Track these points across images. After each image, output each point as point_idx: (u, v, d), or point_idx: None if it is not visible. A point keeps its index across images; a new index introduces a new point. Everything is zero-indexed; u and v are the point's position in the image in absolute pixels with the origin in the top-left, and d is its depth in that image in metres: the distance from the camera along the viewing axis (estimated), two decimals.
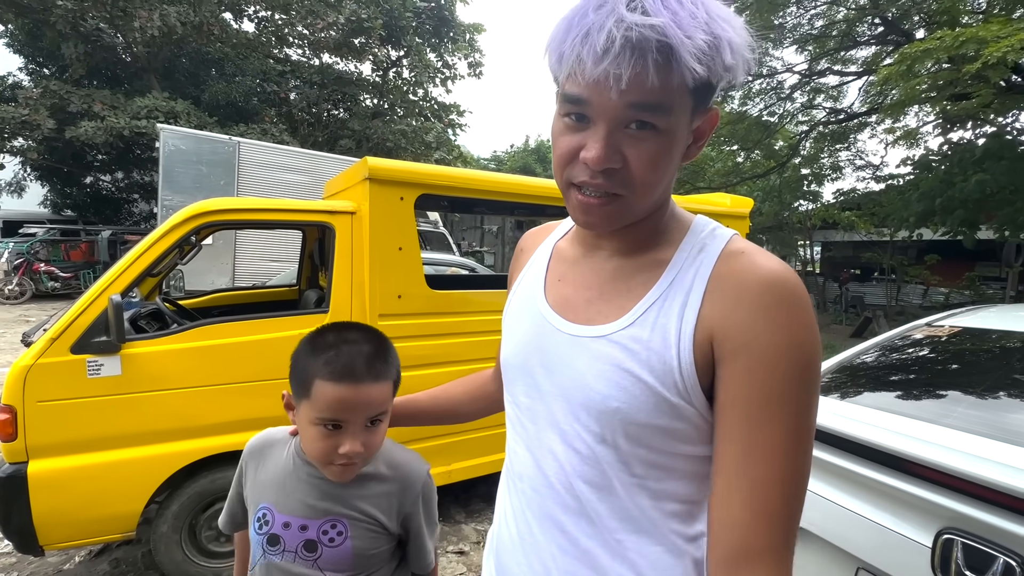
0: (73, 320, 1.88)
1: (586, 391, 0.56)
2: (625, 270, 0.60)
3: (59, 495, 1.85)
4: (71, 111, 10.73)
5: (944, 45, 5.32)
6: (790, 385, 0.49)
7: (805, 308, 0.51)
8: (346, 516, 0.81)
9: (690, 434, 0.54)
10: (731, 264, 0.54)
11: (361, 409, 0.75)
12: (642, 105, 0.49)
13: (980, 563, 0.85)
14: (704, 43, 0.46)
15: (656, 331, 0.54)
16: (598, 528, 0.57)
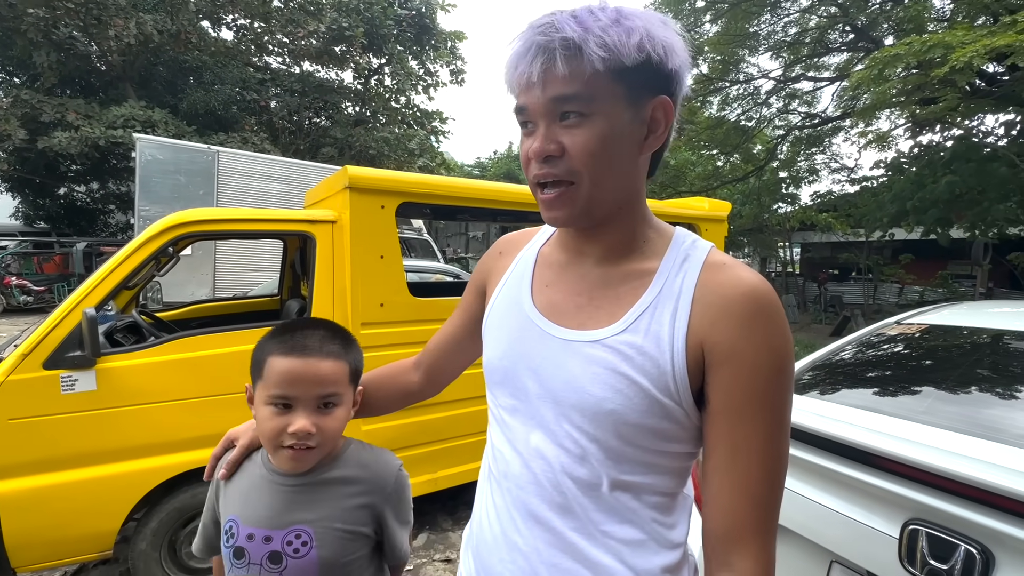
0: (46, 335, 1.84)
1: (580, 394, 0.59)
2: (613, 277, 0.64)
3: (32, 516, 1.80)
4: (43, 121, 10.49)
5: (913, 50, 5.51)
6: (770, 388, 0.55)
7: (780, 317, 0.57)
8: (311, 524, 0.77)
9: (677, 433, 0.59)
10: (715, 275, 0.59)
11: (310, 383, 0.74)
12: (562, 97, 0.55)
13: (943, 552, 0.89)
14: (602, 32, 0.52)
15: (649, 337, 0.58)
16: (583, 522, 0.60)
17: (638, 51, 0.53)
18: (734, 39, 10.31)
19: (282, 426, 0.74)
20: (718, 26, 10.48)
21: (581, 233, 0.66)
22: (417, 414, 2.44)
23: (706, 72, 11.32)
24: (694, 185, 12.27)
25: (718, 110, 12.30)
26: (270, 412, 0.75)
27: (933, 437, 1.08)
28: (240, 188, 7.57)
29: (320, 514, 0.78)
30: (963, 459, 0.92)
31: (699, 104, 11.99)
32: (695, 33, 10.60)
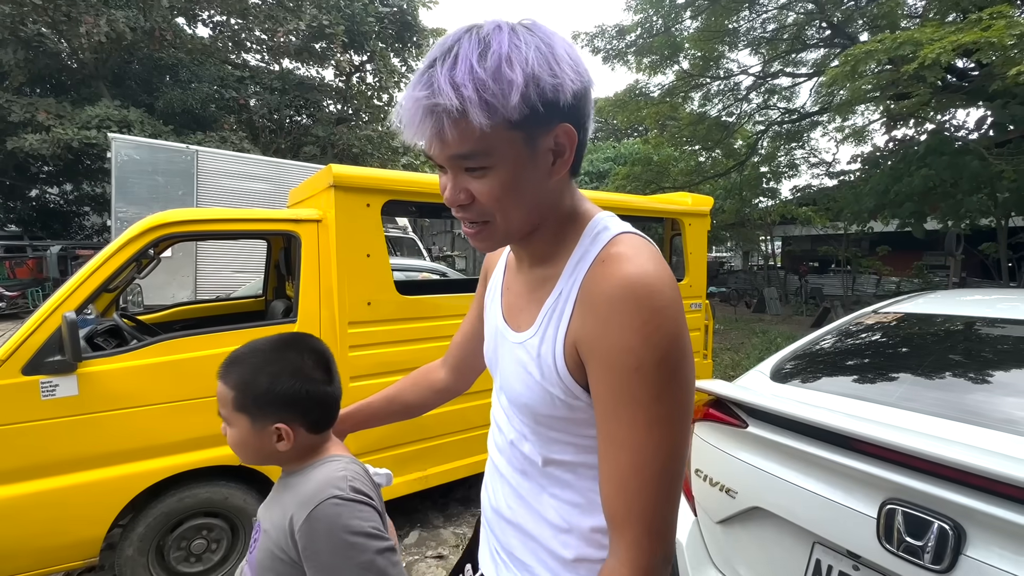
0: (24, 340, 1.80)
1: (510, 388, 0.70)
2: (536, 281, 0.69)
3: (13, 524, 1.76)
4: (12, 121, 10.17)
5: (884, 47, 5.64)
6: (630, 384, 0.55)
7: (643, 311, 0.55)
8: (263, 522, 0.82)
9: (588, 421, 0.64)
10: (593, 274, 0.61)
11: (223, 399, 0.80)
12: (459, 156, 0.57)
13: (919, 529, 0.92)
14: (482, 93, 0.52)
15: (546, 341, 0.64)
16: (534, 483, 0.72)
17: (522, 104, 0.53)
18: (714, 35, 10.42)
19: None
20: (698, 22, 10.58)
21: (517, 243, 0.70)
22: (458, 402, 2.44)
23: (687, 68, 11.43)
24: (677, 181, 12.39)
25: (700, 106, 12.43)
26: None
27: (909, 420, 1.12)
28: (220, 188, 7.44)
29: (267, 515, 0.82)
30: (937, 441, 0.96)
31: (681, 100, 12.10)
32: (676, 29, 10.69)
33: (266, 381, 0.78)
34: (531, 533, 0.72)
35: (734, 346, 8.25)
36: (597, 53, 11.38)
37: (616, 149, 19.95)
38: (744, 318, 12.05)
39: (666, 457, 0.56)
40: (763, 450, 1.25)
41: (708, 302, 3.90)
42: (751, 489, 1.25)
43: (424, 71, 0.55)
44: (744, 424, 1.30)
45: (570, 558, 0.68)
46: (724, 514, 1.32)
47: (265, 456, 0.81)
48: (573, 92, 0.56)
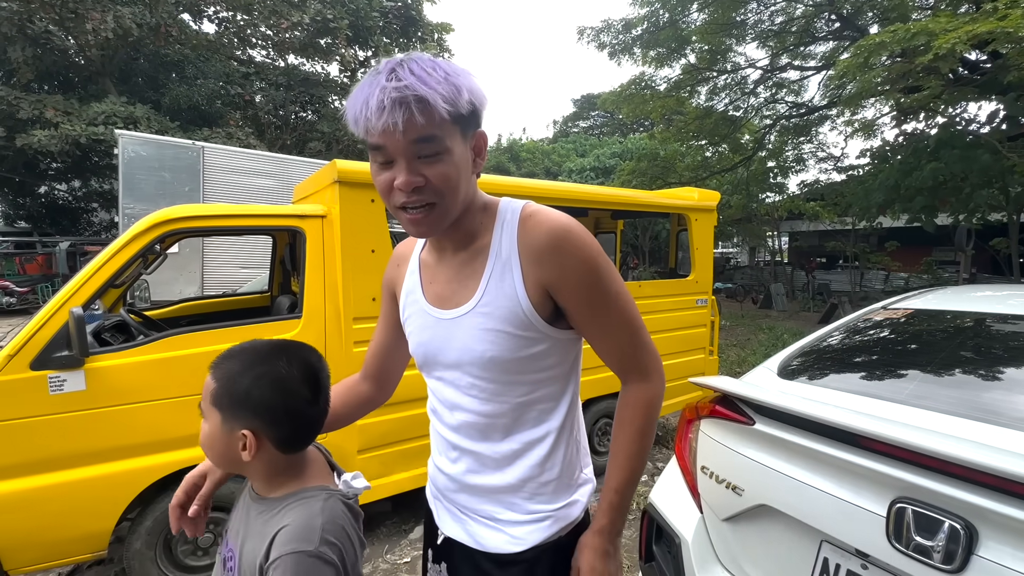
0: (32, 335, 1.81)
1: (469, 352, 0.80)
2: (466, 260, 0.83)
3: (23, 517, 1.78)
4: (21, 118, 10.25)
5: (897, 38, 5.56)
6: (597, 286, 0.78)
7: (578, 237, 0.77)
8: (239, 548, 0.78)
9: (546, 353, 0.81)
10: (527, 227, 0.79)
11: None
12: (422, 139, 0.69)
13: (929, 528, 0.91)
14: (444, 91, 0.67)
15: (500, 296, 0.78)
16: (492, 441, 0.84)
17: (468, 103, 0.71)
18: (721, 28, 10.31)
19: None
20: (705, 15, 10.47)
21: (440, 235, 0.82)
22: (412, 408, 2.44)
23: (694, 62, 11.33)
24: (683, 176, 12.31)
25: (706, 100, 12.32)
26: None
27: (919, 418, 1.11)
28: (226, 184, 7.47)
29: (246, 540, 0.77)
30: (948, 439, 0.94)
31: (687, 94, 12.00)
32: (683, 23, 10.59)
33: (247, 382, 0.74)
34: (497, 487, 0.85)
35: (740, 342, 8.21)
36: (603, 48, 11.30)
37: (622, 144, 19.83)
38: (750, 314, 11.99)
39: (631, 309, 0.82)
40: (770, 447, 1.24)
41: (714, 298, 3.88)
42: (758, 487, 1.24)
43: (383, 73, 0.67)
44: (751, 421, 1.29)
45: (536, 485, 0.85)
46: (730, 512, 1.31)
47: (230, 461, 0.77)
48: (484, 104, 0.74)
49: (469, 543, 0.87)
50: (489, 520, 0.86)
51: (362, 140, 0.74)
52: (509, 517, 0.84)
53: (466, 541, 0.87)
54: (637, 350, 0.83)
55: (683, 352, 3.70)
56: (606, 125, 29.27)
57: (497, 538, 0.84)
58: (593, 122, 30.36)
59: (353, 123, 0.70)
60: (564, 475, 0.87)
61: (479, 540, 0.86)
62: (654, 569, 1.52)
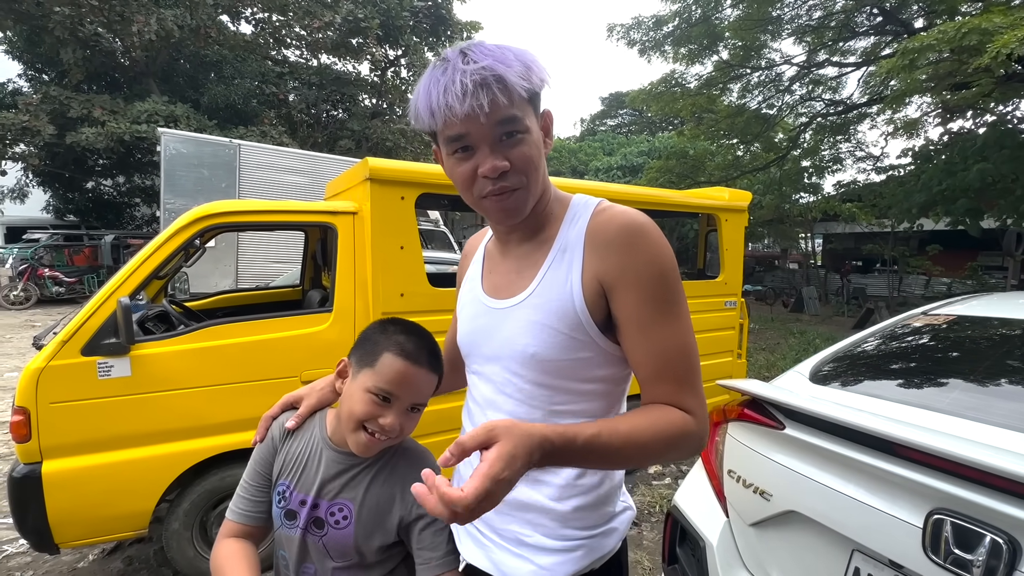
0: (83, 323, 1.92)
1: (512, 345, 0.75)
2: (530, 251, 0.80)
3: (73, 494, 1.89)
4: (71, 116, 10.78)
5: (946, 37, 5.28)
6: (658, 289, 0.70)
7: (653, 236, 0.71)
8: (353, 502, 0.84)
9: (595, 360, 0.74)
10: (597, 221, 0.74)
11: (412, 389, 0.82)
12: (504, 120, 0.67)
13: (969, 541, 0.88)
14: (519, 68, 0.66)
15: (553, 287, 0.73)
16: None
17: (538, 80, 0.69)
18: (756, 24, 10.03)
19: (375, 415, 0.80)
20: (739, 10, 10.20)
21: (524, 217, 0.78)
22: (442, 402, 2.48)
23: (726, 59, 11.07)
24: (713, 175, 12.05)
25: (739, 98, 12.02)
26: (369, 399, 0.81)
27: (960, 428, 1.07)
28: (261, 181, 7.69)
29: (363, 497, 0.85)
30: (991, 450, 0.91)
31: (719, 92, 11.74)
32: (716, 19, 10.36)
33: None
34: (525, 503, 0.77)
35: (769, 346, 8.01)
36: (633, 45, 11.15)
37: (650, 143, 19.55)
38: (780, 318, 11.68)
39: (691, 336, 0.72)
40: (801, 453, 1.21)
41: (743, 300, 3.80)
42: (787, 492, 1.22)
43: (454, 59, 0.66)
44: (781, 426, 1.27)
45: (568, 509, 0.76)
46: (757, 516, 1.29)
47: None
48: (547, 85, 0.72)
49: (493, 572, 0.79)
50: (515, 545, 0.77)
51: (429, 134, 0.73)
52: (538, 542, 0.76)
53: (489, 570, 0.79)
54: (684, 384, 0.69)
55: (710, 355, 3.63)
56: (634, 123, 28.89)
57: (524, 567, 0.76)
58: (621, 120, 30.02)
59: (429, 115, 0.67)
60: (602, 499, 0.78)
61: (504, 570, 0.77)
62: (677, 572, 1.51)
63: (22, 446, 1.85)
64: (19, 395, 1.84)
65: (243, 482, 0.91)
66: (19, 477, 1.83)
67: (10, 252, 10.45)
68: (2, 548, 2.48)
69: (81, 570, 2.34)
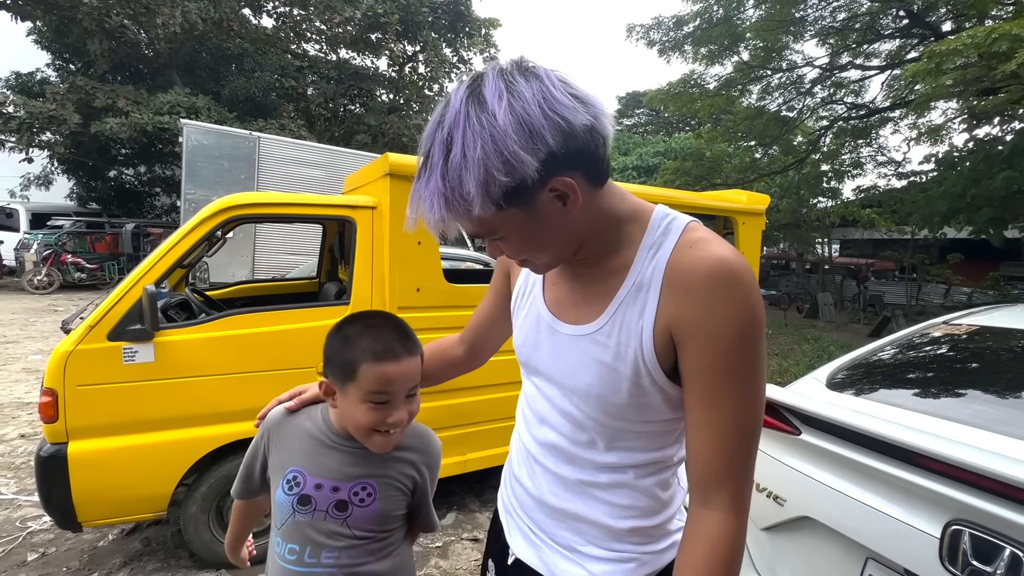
0: (110, 309, 1.97)
1: (575, 380, 0.71)
2: (598, 275, 0.70)
3: (97, 474, 1.95)
4: (96, 106, 11.01)
5: (975, 43, 5.18)
6: (735, 354, 0.60)
7: (742, 288, 0.60)
8: (376, 479, 0.88)
9: (657, 406, 0.68)
10: (682, 259, 0.63)
11: (404, 381, 0.83)
12: (472, 235, 0.65)
13: (987, 553, 0.88)
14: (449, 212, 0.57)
15: (624, 329, 0.66)
16: (581, 468, 0.74)
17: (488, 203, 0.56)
18: (778, 24, 9.89)
19: (380, 419, 0.82)
20: (762, 10, 10.07)
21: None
22: (449, 397, 2.51)
23: (747, 59, 10.94)
24: (730, 178, 11.92)
25: (758, 99, 11.88)
26: (368, 408, 0.82)
27: (980, 439, 1.06)
28: (279, 174, 7.79)
29: (383, 471, 0.89)
30: (1013, 461, 0.90)
31: (738, 93, 11.61)
32: (737, 19, 10.24)
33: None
34: (579, 515, 0.75)
35: (783, 352, 7.93)
36: (653, 46, 11.08)
37: (666, 143, 19.40)
38: (794, 323, 11.54)
39: (758, 416, 0.63)
40: (817, 459, 1.21)
41: None
42: (801, 498, 1.22)
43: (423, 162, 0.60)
44: (797, 431, 1.27)
45: (624, 528, 0.73)
46: (770, 521, 1.29)
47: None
48: (548, 152, 0.55)
49: (544, 572, 0.77)
50: (567, 551, 0.76)
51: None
52: (590, 552, 0.74)
53: (540, 570, 0.78)
54: (739, 466, 0.62)
55: None
56: (651, 123, 28.68)
57: (576, 571, 0.74)
58: (638, 120, 29.82)
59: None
60: (661, 522, 0.74)
61: (554, 571, 0.76)
62: None
63: (49, 426, 1.90)
64: (48, 377, 1.90)
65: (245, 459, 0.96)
66: (46, 456, 1.89)
67: (35, 238, 10.69)
68: (27, 525, 2.56)
69: (101, 549, 2.41)
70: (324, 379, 0.87)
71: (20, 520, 2.60)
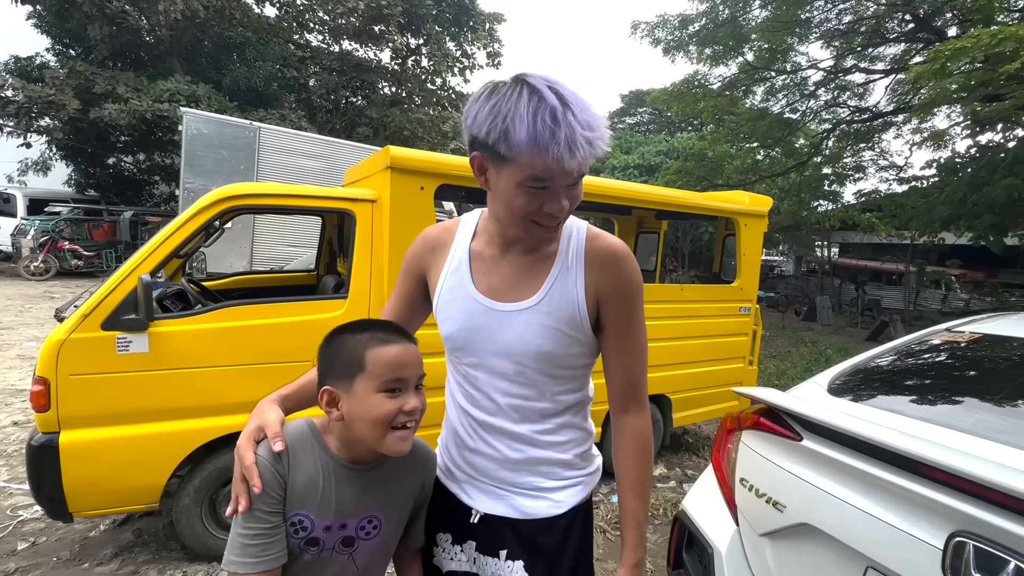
0: (104, 298, 1.94)
1: (525, 344, 0.88)
2: (534, 262, 0.91)
3: (88, 465, 1.93)
4: (96, 92, 10.91)
5: (981, 44, 5.17)
6: (634, 305, 0.91)
7: (632, 263, 0.90)
8: (381, 511, 0.87)
9: (583, 352, 0.91)
10: (594, 246, 0.90)
11: (415, 366, 0.82)
12: (581, 173, 0.78)
13: (992, 566, 0.86)
14: (606, 137, 0.76)
15: (560, 297, 0.88)
16: (532, 422, 0.92)
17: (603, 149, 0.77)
18: (784, 26, 9.84)
19: (397, 408, 0.79)
20: (768, 11, 10.02)
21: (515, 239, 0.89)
22: None
23: (751, 60, 10.89)
24: (731, 179, 11.89)
25: (761, 101, 11.84)
26: (382, 400, 0.78)
27: (985, 449, 1.05)
28: (279, 164, 7.74)
29: (389, 500, 0.88)
30: (1018, 473, 0.89)
31: (741, 94, 11.56)
32: (743, 19, 10.18)
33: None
34: (538, 459, 0.93)
35: (780, 354, 7.93)
36: (657, 44, 11.02)
37: (669, 143, 19.35)
38: (792, 326, 11.55)
39: (646, 344, 0.95)
40: (818, 466, 1.20)
41: (758, 307, 3.76)
42: (801, 505, 1.20)
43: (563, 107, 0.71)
44: (799, 437, 1.25)
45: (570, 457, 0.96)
46: (769, 527, 1.28)
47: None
48: None
49: (512, 515, 0.93)
50: (533, 491, 0.94)
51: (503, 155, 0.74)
52: (550, 484, 0.94)
53: (509, 514, 0.93)
54: (642, 381, 0.94)
55: (722, 360, 3.60)
56: (653, 122, 28.58)
57: (540, 505, 0.93)
58: (640, 119, 29.70)
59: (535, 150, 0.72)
60: (586, 447, 1.00)
61: (523, 510, 0.93)
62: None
63: (41, 415, 1.88)
64: (40, 365, 1.87)
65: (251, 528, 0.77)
66: (37, 446, 1.87)
67: (32, 224, 10.61)
68: (17, 514, 2.54)
69: (92, 539, 2.39)
70: (326, 388, 0.81)
71: (11, 508, 2.59)
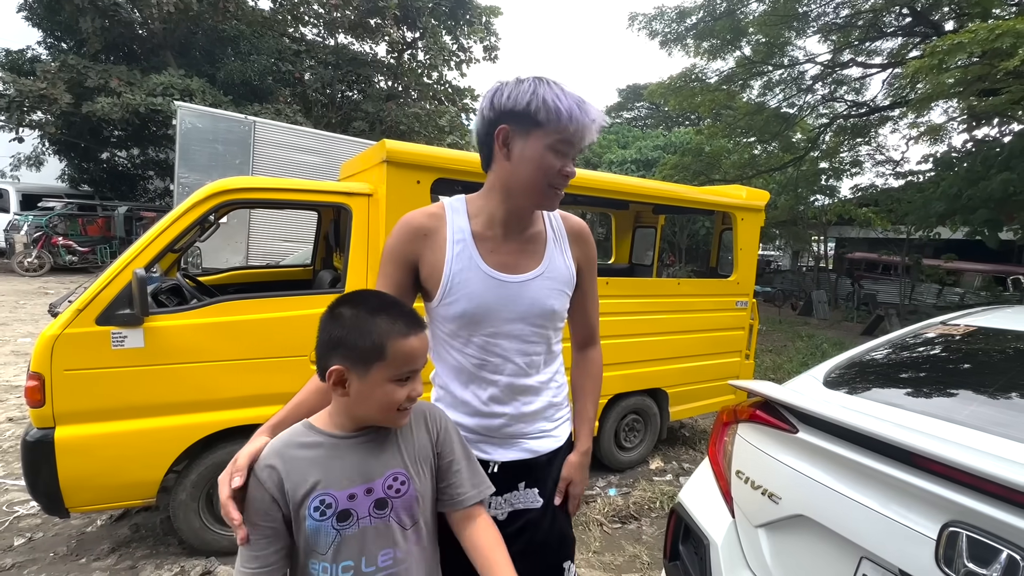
0: (98, 292, 1.93)
1: (541, 305, 1.06)
2: (530, 239, 1.09)
3: (84, 460, 1.92)
4: (88, 86, 10.79)
5: (978, 39, 5.16)
6: (595, 269, 1.20)
7: (592, 237, 1.19)
8: (401, 466, 0.87)
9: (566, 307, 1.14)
10: (570, 224, 1.16)
11: (425, 354, 0.86)
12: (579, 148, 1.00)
13: (984, 556, 0.87)
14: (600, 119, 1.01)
15: (557, 265, 1.10)
16: (540, 369, 1.12)
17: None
18: (781, 19, 9.81)
19: (406, 395, 0.84)
20: (766, 5, 9.97)
21: (516, 218, 1.06)
22: None
23: (749, 54, 10.86)
24: (728, 174, 11.89)
25: (759, 95, 11.82)
26: (394, 388, 0.82)
27: (979, 441, 1.05)
28: (274, 159, 7.69)
29: (406, 454, 0.88)
30: (1013, 464, 0.89)
31: (739, 88, 11.53)
32: (741, 13, 10.14)
33: None
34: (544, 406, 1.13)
35: (776, 348, 7.96)
36: (655, 37, 10.97)
37: (666, 137, 19.32)
38: (788, 320, 11.60)
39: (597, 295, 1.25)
40: (813, 458, 1.20)
41: (755, 301, 3.77)
42: (797, 496, 1.21)
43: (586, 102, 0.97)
44: (794, 429, 1.25)
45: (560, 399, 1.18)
46: (765, 519, 1.28)
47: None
48: None
49: (526, 456, 1.10)
50: (541, 434, 1.13)
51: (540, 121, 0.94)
52: (551, 426, 1.15)
53: (524, 456, 1.10)
54: (596, 323, 1.25)
55: (718, 354, 3.62)
56: (650, 117, 28.51)
57: (547, 442, 1.14)
58: (637, 113, 29.62)
59: (565, 116, 0.93)
60: (567, 388, 1.22)
61: (535, 450, 1.12)
62: (678, 568, 1.51)
63: (36, 411, 1.87)
64: (34, 361, 1.86)
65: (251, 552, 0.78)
66: (32, 441, 1.86)
67: (25, 219, 10.52)
68: (14, 509, 2.53)
69: (89, 534, 2.39)
70: (336, 368, 0.80)
71: (7, 504, 2.58)
